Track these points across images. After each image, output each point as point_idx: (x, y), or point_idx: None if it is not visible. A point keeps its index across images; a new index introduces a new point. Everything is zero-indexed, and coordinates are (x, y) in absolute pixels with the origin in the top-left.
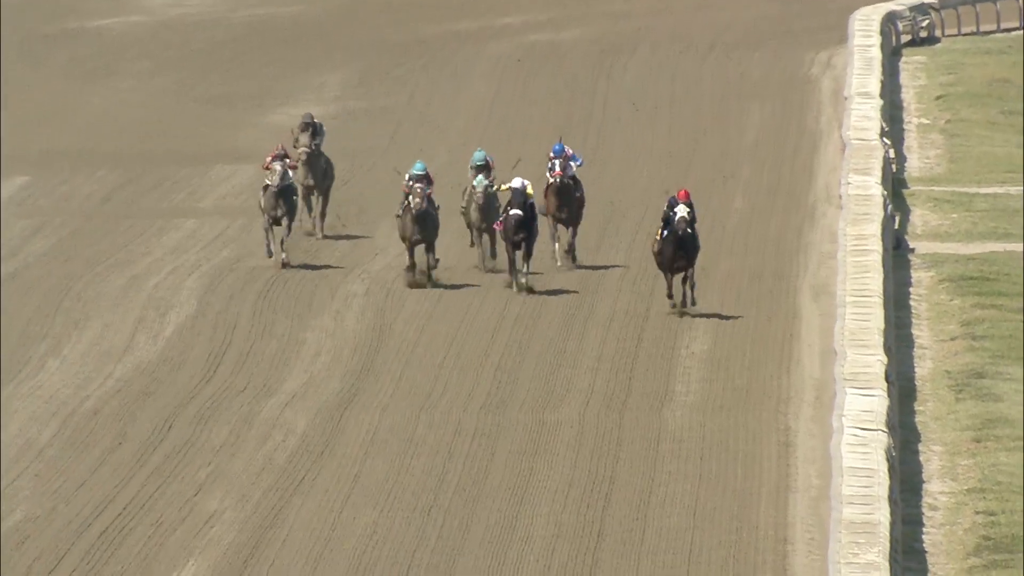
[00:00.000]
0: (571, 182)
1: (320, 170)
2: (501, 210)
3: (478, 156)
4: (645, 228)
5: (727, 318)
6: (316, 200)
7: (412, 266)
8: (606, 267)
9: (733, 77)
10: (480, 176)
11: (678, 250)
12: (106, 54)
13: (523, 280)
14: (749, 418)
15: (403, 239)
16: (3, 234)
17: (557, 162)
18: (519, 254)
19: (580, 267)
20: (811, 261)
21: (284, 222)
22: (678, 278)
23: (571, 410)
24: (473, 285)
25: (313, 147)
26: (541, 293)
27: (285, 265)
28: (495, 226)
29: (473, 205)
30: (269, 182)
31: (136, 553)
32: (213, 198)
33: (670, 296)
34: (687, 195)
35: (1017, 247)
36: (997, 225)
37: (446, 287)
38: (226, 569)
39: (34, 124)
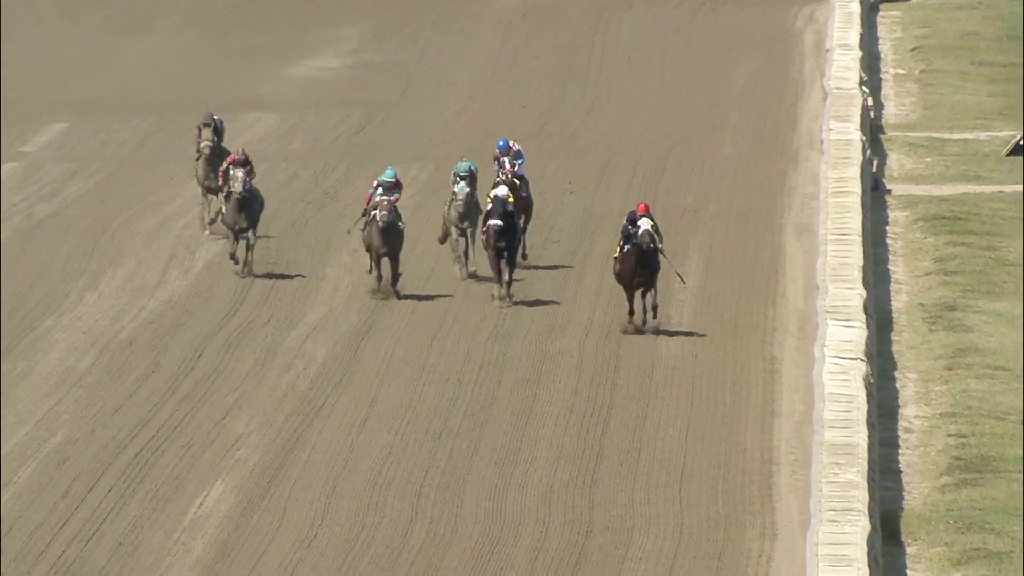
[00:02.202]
0: (518, 181)
1: (219, 165)
2: (481, 218)
3: (462, 167)
4: (641, 171)
5: (717, 256)
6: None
7: (379, 277)
8: (604, 210)
9: (722, 31)
10: (462, 183)
11: (639, 266)
12: (140, 10)
13: (504, 289)
14: (737, 348)
15: (368, 250)
16: (44, 177)
17: (506, 159)
18: (502, 262)
19: (581, 210)
20: (795, 202)
21: (248, 234)
22: (639, 294)
23: (572, 341)
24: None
25: (215, 142)
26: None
27: (249, 274)
28: (480, 235)
29: (453, 207)
30: (232, 190)
31: (168, 473)
32: (239, 143)
33: (630, 313)
34: (647, 208)
35: (986, 189)
36: (968, 168)
37: None
38: (252, 488)
39: (72, 75)
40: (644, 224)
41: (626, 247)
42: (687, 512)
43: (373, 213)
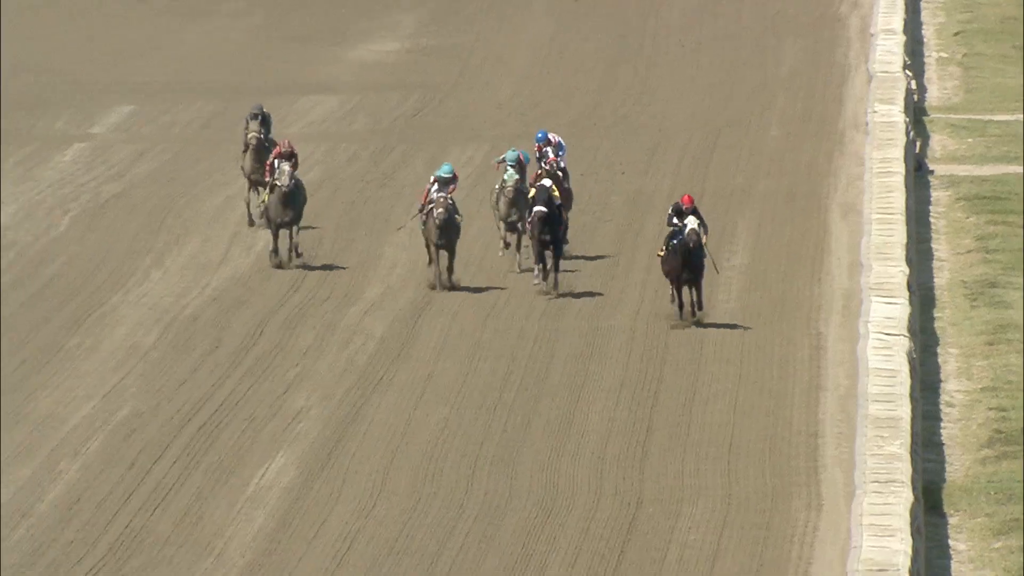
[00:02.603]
0: (560, 174)
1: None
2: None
3: (511, 155)
4: (690, 152)
5: (764, 234)
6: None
7: (438, 272)
8: (654, 190)
9: (770, 16)
10: (511, 171)
11: (685, 265)
12: None
13: (552, 280)
14: (784, 324)
15: (427, 244)
16: (112, 158)
17: (549, 150)
18: (547, 253)
19: (632, 190)
20: (840, 182)
21: (292, 229)
22: (685, 288)
23: (623, 318)
24: None
25: (263, 134)
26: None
27: (300, 261)
28: (526, 225)
29: (503, 199)
30: (278, 183)
31: (231, 446)
32: (300, 125)
33: (680, 307)
34: (691, 201)
35: None
36: (1009, 149)
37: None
38: (312, 460)
39: (138, 58)
40: (691, 222)
41: (673, 243)
42: (735, 483)
43: (430, 207)
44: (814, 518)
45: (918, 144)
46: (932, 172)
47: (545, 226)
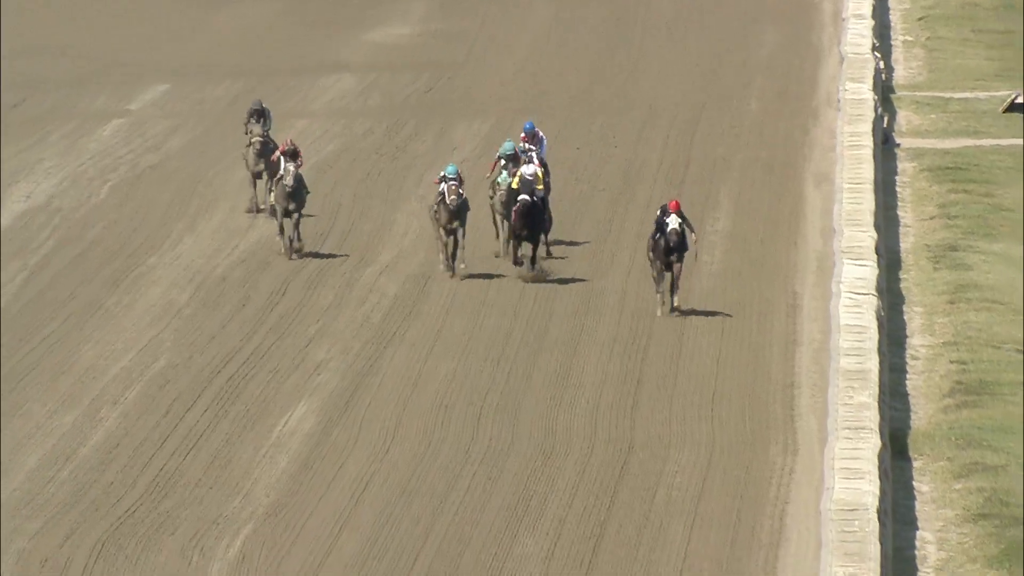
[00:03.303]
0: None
1: (270, 154)
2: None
3: (507, 146)
4: (677, 126)
5: (744, 202)
6: (264, 182)
7: (447, 257)
8: (644, 161)
9: (751, 3)
10: (504, 174)
11: (668, 254)
12: None
13: (529, 267)
14: (763, 284)
15: (438, 227)
16: (148, 132)
17: (529, 145)
18: (528, 245)
19: (624, 161)
20: (814, 154)
21: (295, 216)
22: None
23: (616, 279)
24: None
25: (264, 134)
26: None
27: (298, 252)
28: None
29: (498, 196)
30: (284, 181)
31: (257, 395)
32: (321, 102)
33: (659, 292)
34: (678, 206)
35: (985, 142)
36: (968, 124)
37: None
38: (331, 409)
39: (172, 41)
40: (673, 221)
41: (658, 235)
42: (718, 430)
43: (442, 194)
44: (790, 462)
45: (885, 119)
46: (898, 145)
47: (526, 220)
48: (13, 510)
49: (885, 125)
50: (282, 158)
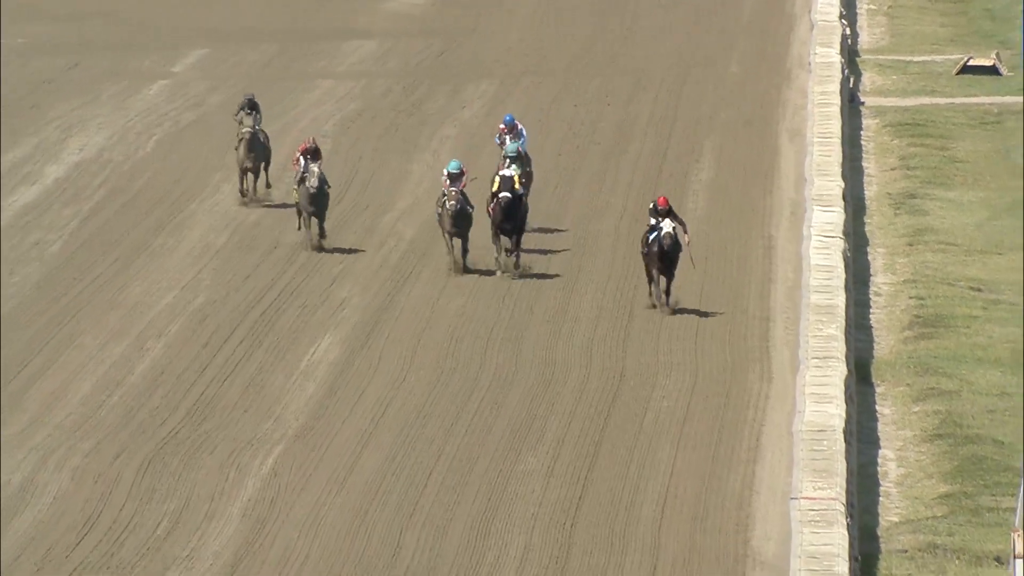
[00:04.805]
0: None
1: (260, 150)
2: (489, 196)
3: (511, 148)
4: (666, 86)
5: (725, 154)
6: (256, 178)
7: (451, 252)
8: (635, 118)
9: None
10: (514, 167)
11: (662, 259)
12: None
13: (511, 260)
14: (741, 228)
15: (442, 232)
16: (189, 91)
17: (508, 137)
18: (503, 238)
19: (617, 118)
20: (788, 111)
21: (316, 219)
22: (661, 279)
23: (610, 222)
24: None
25: (254, 127)
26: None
27: (318, 248)
28: (488, 210)
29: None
30: (308, 183)
31: (288, 328)
32: (345, 65)
33: (652, 295)
34: (666, 202)
35: (940, 101)
36: (926, 84)
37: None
38: (353, 341)
39: (211, 8)
40: (666, 226)
41: (651, 238)
42: (701, 360)
43: (444, 200)
44: (766, 388)
45: (851, 80)
46: (863, 103)
47: (507, 213)
48: (68, 431)
49: (851, 85)
50: (303, 159)
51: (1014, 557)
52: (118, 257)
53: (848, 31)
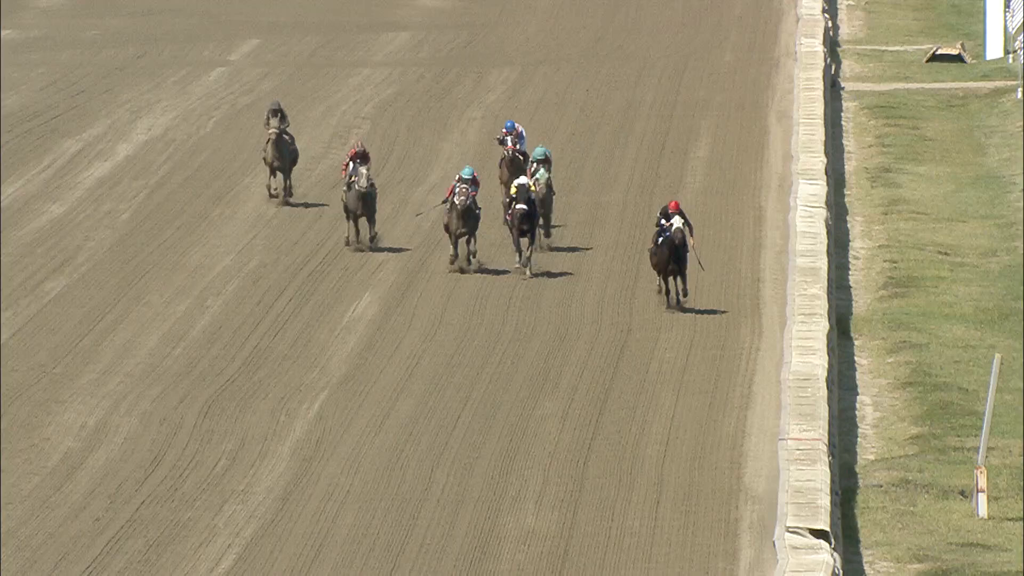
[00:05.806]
0: (520, 157)
1: (286, 149)
2: (505, 204)
3: (538, 151)
4: (667, 73)
5: (720, 134)
6: (283, 177)
7: (455, 256)
8: (640, 101)
9: None
10: (542, 170)
11: (671, 258)
12: None
13: (528, 263)
14: (734, 199)
15: (447, 232)
16: (244, 78)
17: (509, 138)
18: (524, 241)
19: (624, 101)
20: (776, 95)
21: (364, 221)
22: (672, 278)
23: (617, 194)
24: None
25: (280, 129)
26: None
27: (365, 249)
28: (506, 217)
29: (536, 199)
30: (358, 185)
31: (332, 287)
32: (382, 54)
33: (666, 293)
34: (678, 206)
35: (912, 86)
36: (899, 71)
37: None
38: (390, 299)
39: (262, 3)
40: (676, 222)
41: (660, 239)
42: (699, 316)
43: (452, 199)
44: (757, 341)
45: (833, 67)
46: (843, 88)
47: (525, 220)
48: (137, 379)
49: (833, 72)
50: (351, 162)
51: (976, 491)
52: (181, 225)
53: (830, 24)
